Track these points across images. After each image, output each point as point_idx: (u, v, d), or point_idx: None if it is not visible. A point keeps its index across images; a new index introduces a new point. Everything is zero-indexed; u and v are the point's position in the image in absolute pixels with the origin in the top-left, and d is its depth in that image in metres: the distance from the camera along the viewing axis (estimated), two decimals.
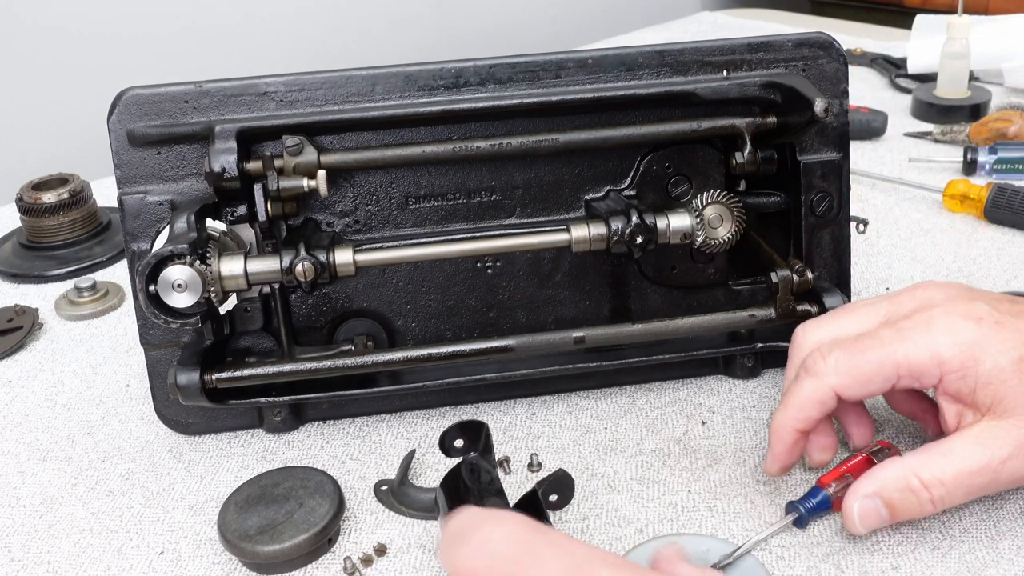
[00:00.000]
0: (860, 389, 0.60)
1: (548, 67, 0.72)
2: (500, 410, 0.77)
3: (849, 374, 0.60)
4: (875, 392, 0.61)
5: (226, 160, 0.67)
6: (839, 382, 0.60)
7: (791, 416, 0.62)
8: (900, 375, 0.59)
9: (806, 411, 0.61)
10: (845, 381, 0.60)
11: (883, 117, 1.23)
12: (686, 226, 0.70)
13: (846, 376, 0.60)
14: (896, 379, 0.59)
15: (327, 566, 0.63)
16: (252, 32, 1.69)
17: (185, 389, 0.68)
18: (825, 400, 0.61)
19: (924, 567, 0.59)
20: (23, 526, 0.68)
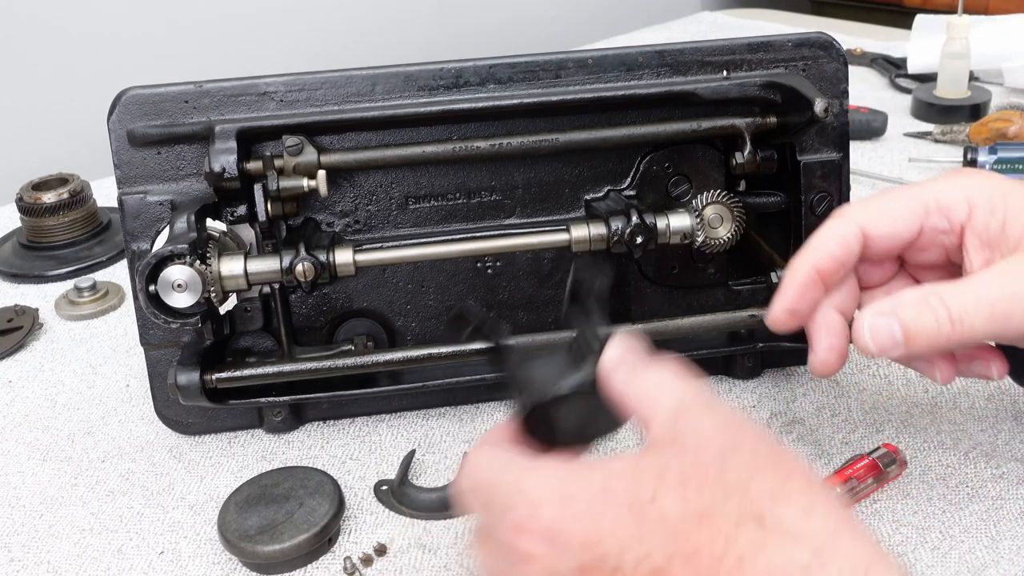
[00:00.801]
0: (887, 226, 0.55)
1: (548, 67, 0.72)
2: (500, 410, 0.76)
3: (876, 205, 0.56)
4: (903, 233, 0.56)
5: (226, 160, 0.67)
6: (865, 216, 0.56)
7: (808, 250, 0.56)
8: (928, 210, 0.55)
9: (827, 246, 0.56)
10: (872, 215, 0.56)
11: (883, 117, 1.23)
12: (686, 226, 0.70)
13: (873, 210, 0.56)
14: (924, 215, 0.55)
15: (327, 566, 0.63)
16: (252, 32, 1.69)
17: (185, 389, 0.68)
18: (847, 236, 0.55)
19: (924, 567, 0.59)
20: (23, 526, 0.68)
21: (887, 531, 0.62)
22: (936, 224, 0.56)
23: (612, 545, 0.39)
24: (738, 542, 0.38)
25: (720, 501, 0.39)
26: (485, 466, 0.46)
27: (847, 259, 0.56)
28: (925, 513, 0.63)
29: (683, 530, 0.39)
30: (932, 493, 0.65)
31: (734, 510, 0.39)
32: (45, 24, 1.47)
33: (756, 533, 0.38)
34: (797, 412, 0.74)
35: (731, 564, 0.37)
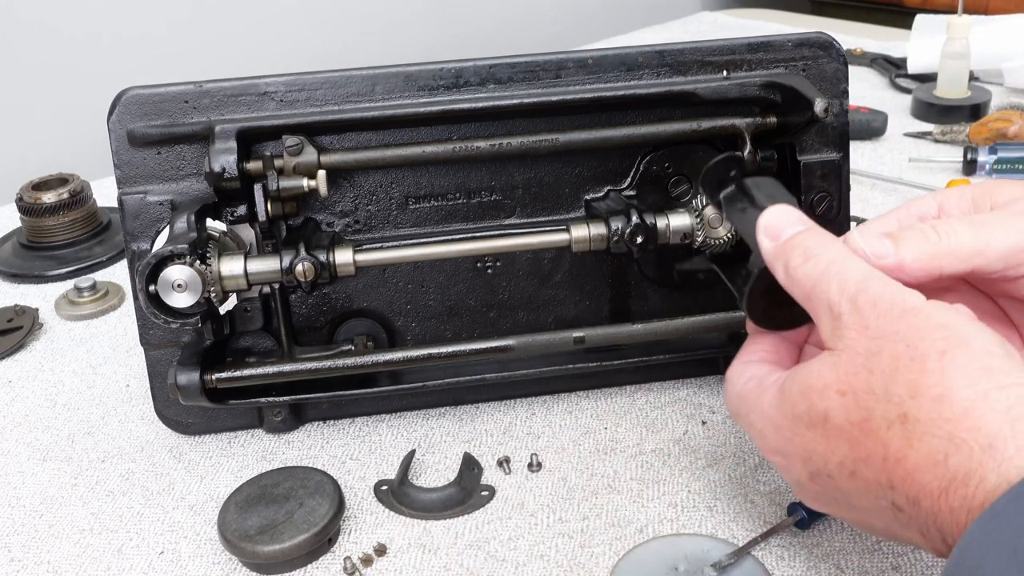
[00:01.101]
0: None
1: (548, 67, 0.72)
2: (500, 410, 0.77)
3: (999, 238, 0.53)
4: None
5: (226, 160, 0.67)
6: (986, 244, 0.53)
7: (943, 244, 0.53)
8: None
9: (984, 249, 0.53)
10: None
11: (883, 117, 1.23)
12: (686, 226, 0.70)
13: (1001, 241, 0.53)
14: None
15: (327, 566, 0.63)
16: (252, 32, 1.69)
17: (185, 389, 0.68)
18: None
19: (924, 567, 0.59)
20: (23, 526, 0.68)
21: None
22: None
23: (818, 459, 0.49)
24: (892, 443, 0.45)
25: (871, 407, 0.46)
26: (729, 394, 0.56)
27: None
28: None
29: (855, 438, 0.47)
30: None
31: (882, 413, 0.45)
32: (45, 24, 1.47)
33: (902, 431, 0.45)
34: None
35: (892, 463, 0.45)
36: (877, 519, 0.49)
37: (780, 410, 0.51)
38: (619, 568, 0.60)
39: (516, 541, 0.64)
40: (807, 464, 0.50)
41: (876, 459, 0.46)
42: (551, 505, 0.67)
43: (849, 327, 0.48)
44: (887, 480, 0.46)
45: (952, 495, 0.43)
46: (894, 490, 0.45)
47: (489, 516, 0.66)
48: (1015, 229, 0.52)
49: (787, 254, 0.53)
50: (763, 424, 0.52)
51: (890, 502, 0.46)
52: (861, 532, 0.62)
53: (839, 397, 0.47)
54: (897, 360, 0.46)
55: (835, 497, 0.50)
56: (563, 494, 0.67)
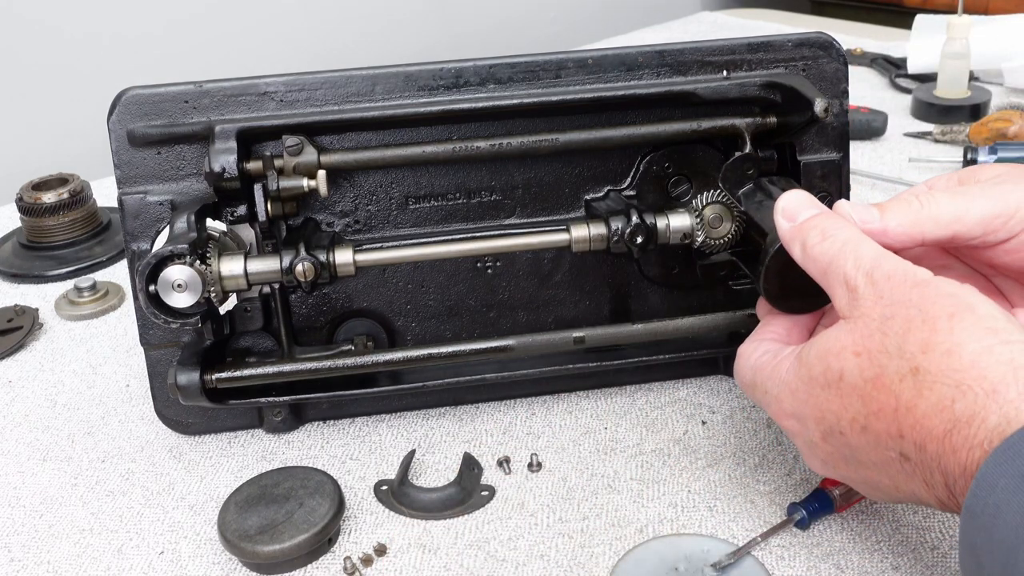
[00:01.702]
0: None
1: (548, 67, 0.72)
2: (500, 410, 0.77)
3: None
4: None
5: (226, 160, 0.67)
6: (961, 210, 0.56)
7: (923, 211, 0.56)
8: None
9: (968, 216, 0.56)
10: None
11: (883, 117, 1.23)
12: (686, 226, 0.70)
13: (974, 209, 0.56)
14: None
15: (327, 566, 0.63)
16: (252, 32, 1.69)
17: (185, 389, 0.68)
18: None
19: (924, 567, 0.59)
20: (23, 526, 0.68)
21: (887, 531, 0.62)
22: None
23: (831, 417, 0.52)
24: (903, 394, 0.48)
25: (884, 364, 0.49)
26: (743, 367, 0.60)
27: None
28: (925, 513, 0.63)
29: (868, 394, 0.50)
30: None
31: (895, 369, 0.49)
32: (45, 24, 1.47)
33: (913, 382, 0.48)
34: None
35: (903, 412, 0.48)
36: (883, 474, 0.52)
37: (797, 374, 0.54)
38: (619, 568, 0.60)
39: (516, 541, 0.64)
40: (820, 423, 0.53)
41: (887, 411, 0.49)
42: (551, 505, 0.67)
43: (865, 298, 0.52)
44: (897, 430, 0.49)
45: (956, 436, 0.46)
46: (903, 439, 0.49)
47: (489, 516, 0.66)
48: (992, 197, 0.56)
49: (804, 233, 0.56)
50: (779, 389, 0.56)
51: (898, 452, 0.49)
52: (861, 532, 0.62)
53: (854, 357, 0.51)
54: (909, 322, 0.49)
55: (845, 455, 0.53)
56: (563, 494, 0.67)
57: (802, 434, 0.55)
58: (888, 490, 0.53)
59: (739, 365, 0.61)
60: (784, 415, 0.56)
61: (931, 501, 0.50)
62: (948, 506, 0.49)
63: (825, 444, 0.54)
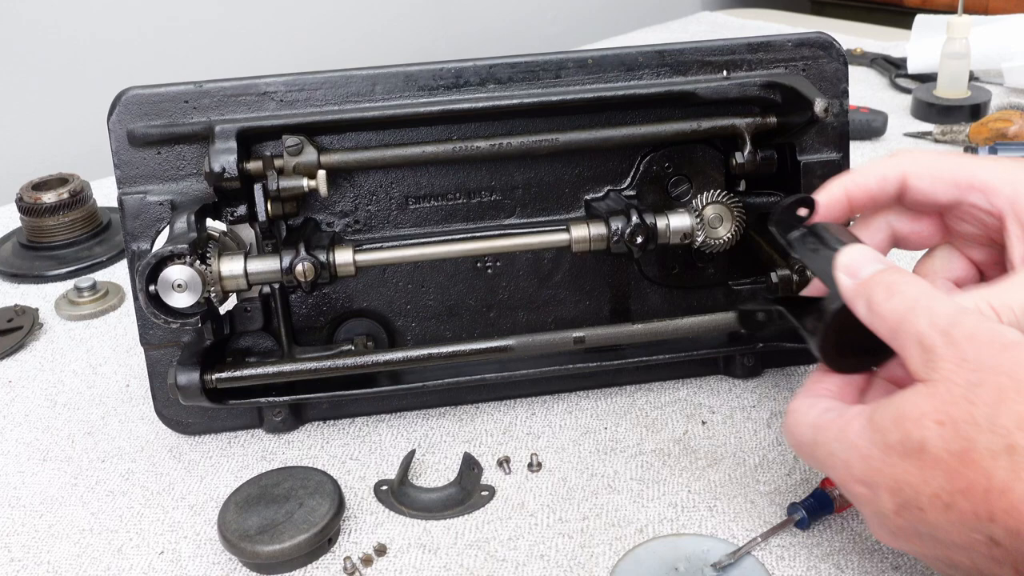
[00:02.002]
0: (927, 185, 0.58)
1: (548, 67, 0.72)
2: (500, 410, 0.77)
3: (924, 162, 0.59)
4: (941, 197, 0.58)
5: (226, 160, 0.67)
6: (912, 166, 0.59)
7: (847, 175, 0.60)
8: (971, 185, 0.57)
9: (865, 176, 0.59)
10: (918, 168, 0.59)
11: (883, 117, 1.23)
12: (686, 226, 0.70)
13: (921, 165, 0.59)
14: (966, 188, 0.57)
15: (327, 566, 0.63)
16: (252, 32, 1.69)
17: (185, 389, 0.68)
18: (888, 176, 0.59)
19: (924, 567, 0.59)
20: (23, 526, 0.68)
21: None
22: (976, 201, 0.57)
23: (909, 491, 0.48)
24: (996, 474, 0.44)
25: (974, 437, 0.45)
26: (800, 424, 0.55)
27: (880, 198, 0.60)
28: None
29: (953, 469, 0.46)
30: None
31: (986, 444, 0.45)
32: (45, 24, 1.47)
33: (1009, 462, 0.44)
34: None
35: (996, 495, 0.44)
36: (965, 555, 0.47)
37: (871, 439, 0.49)
38: (619, 568, 0.60)
39: (516, 541, 0.64)
40: (895, 495, 0.49)
41: (977, 490, 0.45)
42: (551, 505, 0.67)
43: (945, 359, 0.47)
44: (987, 512, 0.45)
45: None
46: (993, 523, 0.45)
47: (489, 516, 0.66)
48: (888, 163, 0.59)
49: (869, 290, 0.52)
50: (848, 453, 0.51)
51: (987, 536, 0.45)
52: (861, 532, 0.62)
53: (937, 427, 0.46)
54: (1002, 391, 0.45)
55: (921, 532, 0.49)
56: (563, 494, 0.67)
57: (872, 503, 0.50)
58: (968, 569, 0.48)
59: (795, 422, 0.56)
60: (853, 480, 0.51)
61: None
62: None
63: (898, 518, 0.49)
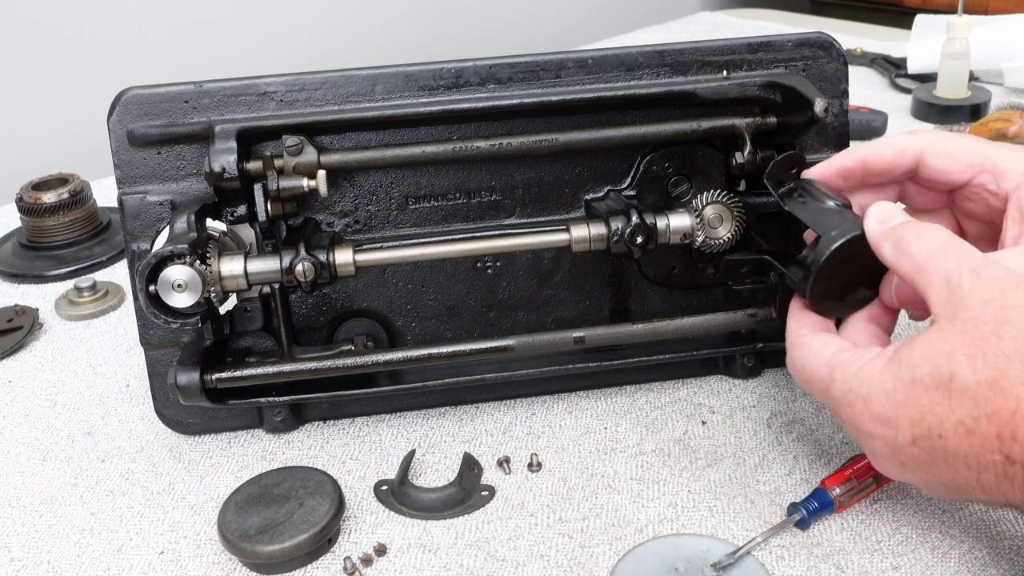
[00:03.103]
0: (943, 163, 0.61)
1: (548, 67, 0.72)
2: (500, 410, 0.77)
3: (942, 143, 0.62)
4: (954, 176, 0.61)
5: (226, 160, 0.67)
6: (930, 144, 0.62)
7: (867, 145, 0.63)
8: (984, 168, 0.61)
9: (883, 147, 0.62)
10: (936, 147, 0.61)
11: (883, 117, 1.23)
12: (686, 226, 0.70)
13: (939, 144, 0.61)
14: (979, 170, 0.61)
15: (327, 566, 0.63)
16: (252, 32, 1.70)
17: (185, 389, 0.68)
18: (907, 150, 0.62)
19: (924, 567, 0.59)
20: (23, 526, 0.68)
21: (887, 531, 0.62)
22: (985, 182, 0.61)
23: (932, 420, 0.51)
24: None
25: (1004, 368, 0.48)
26: (814, 361, 0.58)
27: (895, 170, 0.63)
28: (925, 513, 0.63)
29: (981, 396, 0.49)
30: None
31: (1017, 373, 0.48)
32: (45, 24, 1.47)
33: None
34: (797, 412, 0.74)
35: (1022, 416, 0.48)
36: (973, 477, 0.51)
37: (896, 374, 0.52)
38: (619, 568, 0.60)
39: (516, 541, 0.64)
40: (915, 426, 0.51)
41: (1004, 413, 0.48)
42: (551, 505, 0.67)
43: (972, 296, 0.51)
44: (1011, 432, 0.48)
45: None
46: (1015, 441, 0.48)
47: (489, 516, 0.66)
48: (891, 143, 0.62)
49: (899, 232, 0.56)
50: (870, 389, 0.54)
51: (1005, 456, 0.49)
52: (861, 532, 0.62)
53: (967, 359, 0.49)
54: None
55: (935, 459, 0.52)
56: (563, 494, 0.67)
57: (886, 437, 0.53)
58: (970, 492, 0.52)
59: (808, 358, 0.59)
60: (869, 417, 0.54)
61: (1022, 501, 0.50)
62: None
63: (913, 447, 0.52)
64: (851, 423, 0.56)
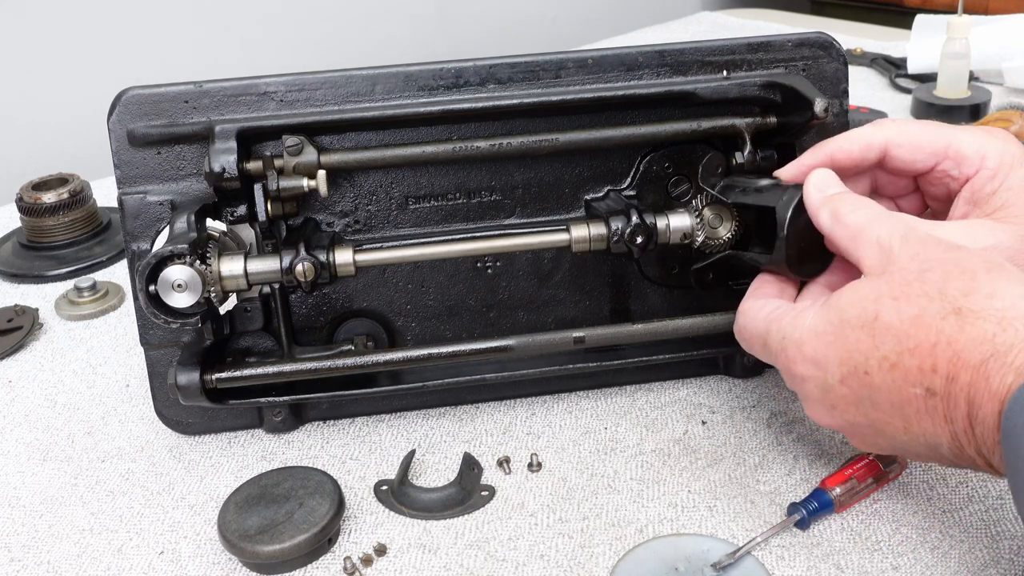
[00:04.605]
0: (908, 154, 0.64)
1: (548, 67, 0.72)
2: (500, 410, 0.77)
3: (906, 133, 0.64)
4: (919, 165, 0.64)
5: (226, 160, 0.67)
6: (895, 136, 0.64)
7: (834, 140, 0.65)
8: (947, 155, 0.63)
9: (851, 143, 0.64)
10: (900, 138, 0.64)
11: (883, 117, 1.23)
12: (686, 226, 0.70)
13: (903, 134, 0.64)
14: (943, 156, 0.63)
15: (327, 566, 0.63)
16: (252, 32, 1.70)
17: (185, 389, 0.68)
18: (872, 144, 0.64)
19: (924, 567, 0.59)
20: (23, 526, 0.68)
21: (887, 531, 0.62)
22: (947, 168, 0.64)
23: (859, 356, 0.54)
24: (944, 330, 0.51)
25: (925, 305, 0.52)
26: (752, 320, 0.63)
27: (862, 163, 0.65)
28: (925, 513, 0.63)
29: (904, 332, 0.52)
30: (932, 493, 0.65)
31: (937, 309, 0.51)
32: (45, 24, 1.47)
33: (956, 320, 0.51)
34: (797, 412, 0.74)
35: (942, 346, 0.51)
36: (897, 415, 0.54)
37: (826, 318, 0.56)
38: (619, 568, 0.60)
39: (516, 541, 0.64)
40: (844, 364, 0.55)
41: (925, 347, 0.51)
42: (551, 505, 0.67)
43: (900, 255, 0.55)
44: (931, 364, 0.51)
45: (991, 363, 0.49)
46: (935, 373, 0.51)
47: (489, 516, 0.66)
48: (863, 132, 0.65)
49: (835, 203, 0.60)
50: (802, 333, 0.58)
51: (925, 388, 0.51)
52: (861, 532, 0.62)
53: (892, 300, 0.53)
54: (948, 273, 0.52)
55: (860, 396, 0.55)
56: (563, 494, 0.67)
57: (817, 378, 0.57)
58: (893, 434, 0.55)
59: (748, 318, 0.63)
60: (801, 359, 0.57)
61: (942, 439, 0.52)
62: (959, 441, 0.51)
63: (842, 386, 0.55)
64: (786, 369, 0.59)
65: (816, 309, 0.58)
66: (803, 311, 0.59)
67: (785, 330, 0.59)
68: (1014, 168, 0.62)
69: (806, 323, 0.58)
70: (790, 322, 0.59)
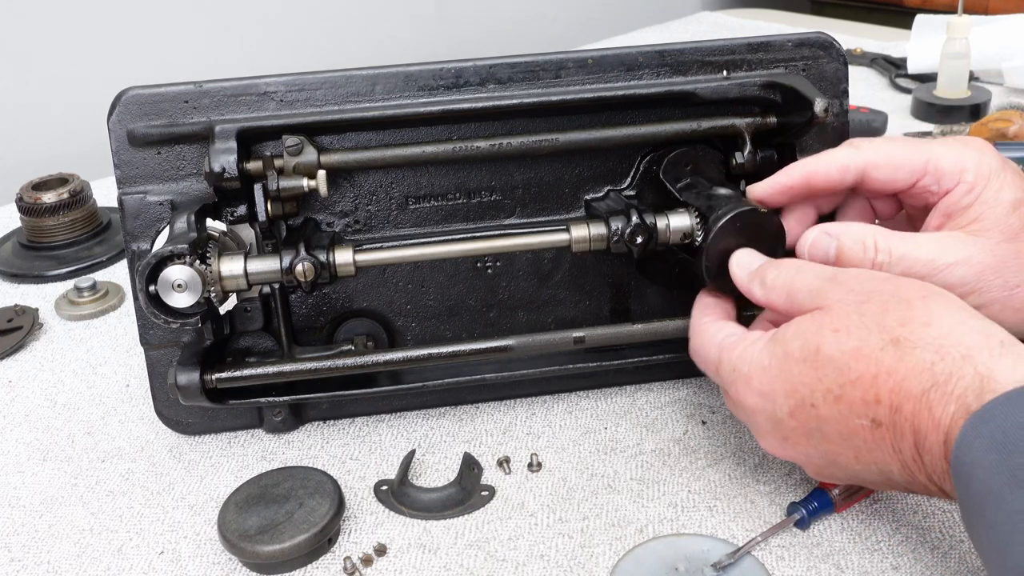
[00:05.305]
0: (887, 174, 0.64)
1: (548, 67, 0.72)
2: (500, 410, 0.77)
3: (884, 154, 0.64)
4: (899, 184, 0.64)
5: (226, 160, 0.67)
6: (873, 157, 0.64)
7: (810, 162, 0.65)
8: (926, 172, 0.63)
9: (827, 165, 0.64)
10: (879, 159, 0.64)
11: (883, 117, 1.23)
12: (686, 226, 0.70)
13: (881, 155, 0.64)
14: (923, 173, 0.63)
15: (327, 566, 0.63)
16: (252, 32, 1.69)
17: (185, 389, 0.68)
18: (850, 167, 0.64)
19: (924, 567, 0.59)
20: (23, 526, 0.68)
21: (887, 531, 0.62)
22: (927, 184, 0.64)
23: (804, 390, 0.55)
24: (884, 361, 0.52)
25: (864, 337, 0.53)
26: (706, 345, 0.63)
27: (839, 186, 0.65)
28: (925, 513, 0.63)
29: (844, 364, 0.53)
30: None
31: (876, 341, 0.52)
32: (45, 24, 1.47)
33: (894, 351, 0.52)
34: None
35: (883, 377, 0.52)
36: (847, 446, 0.54)
37: (771, 351, 0.57)
38: (619, 568, 0.60)
39: (516, 541, 0.64)
40: (791, 397, 0.56)
41: (867, 378, 0.52)
42: (551, 505, 0.67)
43: (836, 290, 0.56)
44: (874, 395, 0.52)
45: (933, 393, 0.50)
46: (879, 404, 0.52)
47: (489, 516, 0.66)
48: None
49: (761, 273, 0.61)
50: (750, 367, 0.58)
51: (870, 419, 0.52)
52: (861, 532, 0.62)
53: (832, 333, 0.54)
54: (886, 304, 0.54)
55: (810, 429, 0.56)
56: (563, 494, 0.67)
57: (766, 411, 0.57)
58: (845, 464, 0.55)
59: (703, 343, 0.63)
60: (751, 393, 0.58)
61: (892, 467, 0.53)
62: (910, 469, 0.52)
63: (791, 419, 0.56)
64: (737, 402, 0.60)
65: (763, 343, 0.58)
66: (753, 343, 0.59)
67: (735, 362, 0.60)
68: (990, 181, 0.62)
69: (754, 357, 0.58)
70: (739, 355, 0.59)
